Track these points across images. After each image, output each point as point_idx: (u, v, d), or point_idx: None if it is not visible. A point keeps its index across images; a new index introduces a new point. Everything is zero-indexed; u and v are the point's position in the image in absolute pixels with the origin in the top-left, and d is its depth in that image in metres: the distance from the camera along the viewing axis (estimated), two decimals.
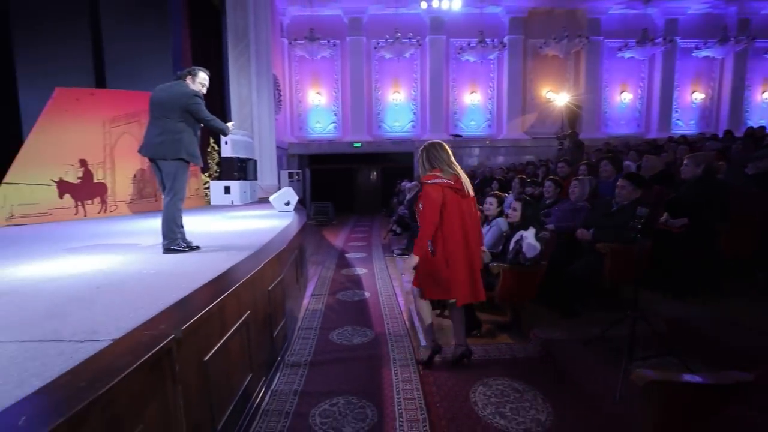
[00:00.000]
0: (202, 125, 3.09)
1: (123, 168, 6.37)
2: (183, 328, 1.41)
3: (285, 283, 3.16)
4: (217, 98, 9.05)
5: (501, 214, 3.63)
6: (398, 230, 7.93)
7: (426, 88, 13.10)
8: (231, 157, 8.33)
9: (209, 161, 8.64)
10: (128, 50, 7.45)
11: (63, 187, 5.53)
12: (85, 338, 1.38)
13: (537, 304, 3.50)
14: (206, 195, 8.37)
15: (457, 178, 2.46)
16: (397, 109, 13.33)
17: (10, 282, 2.29)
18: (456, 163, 2.51)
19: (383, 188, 14.66)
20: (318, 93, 13.12)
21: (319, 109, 13.25)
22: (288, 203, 6.34)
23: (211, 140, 8.65)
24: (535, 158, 12.09)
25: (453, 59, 13.06)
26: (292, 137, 13.16)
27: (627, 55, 12.82)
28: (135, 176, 6.58)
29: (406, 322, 3.46)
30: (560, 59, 12.89)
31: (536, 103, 13.27)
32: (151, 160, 2.96)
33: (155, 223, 3.61)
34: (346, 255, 6.67)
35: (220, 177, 8.62)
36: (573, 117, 12.67)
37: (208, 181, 8.44)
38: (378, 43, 12.03)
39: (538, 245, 2.95)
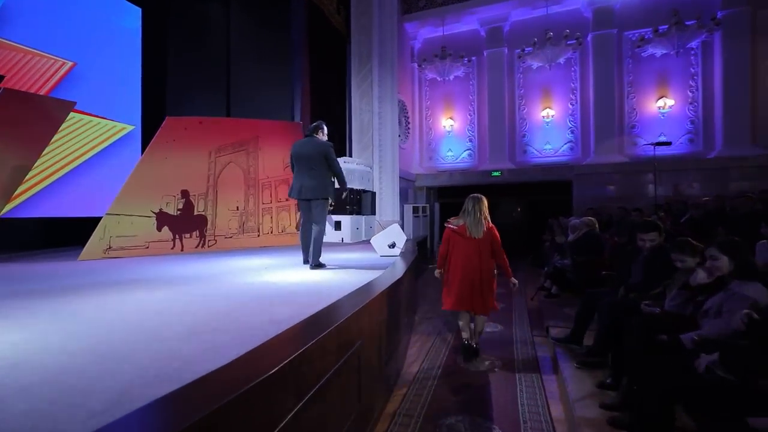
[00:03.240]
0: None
1: (226, 199, 5.90)
2: None
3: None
4: (338, 125, 8.43)
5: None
6: (553, 289, 5.38)
7: (589, 97, 10.15)
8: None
9: None
10: (249, 78, 7.43)
11: (162, 218, 5.20)
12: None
13: None
14: None
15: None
16: (549, 128, 10.69)
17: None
18: (476, 213, 3.37)
19: (529, 227, 11.86)
20: (450, 118, 11.64)
21: (452, 135, 11.70)
22: (393, 245, 4.72)
23: None
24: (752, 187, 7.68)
25: (628, 57, 9.85)
26: (420, 168, 11.88)
27: None
28: (237, 208, 6.05)
29: None
30: None
31: None
32: (307, 200, 3.87)
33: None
34: None
35: (332, 211, 7.72)
36: None
37: None
38: (523, 51, 9.90)
39: None
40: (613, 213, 8.09)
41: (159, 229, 5.16)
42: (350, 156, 8.68)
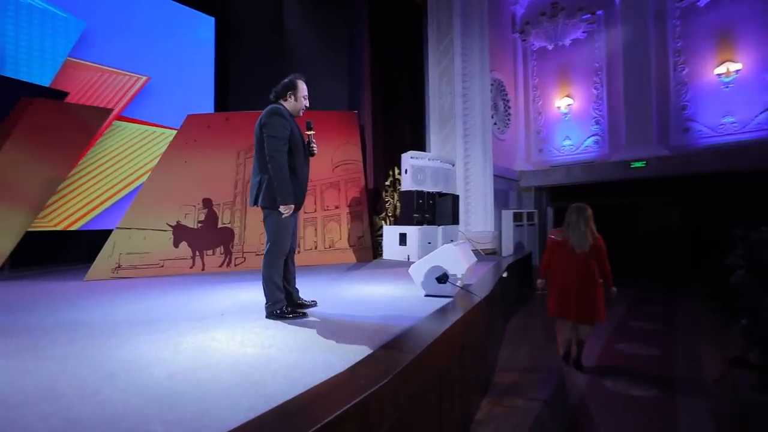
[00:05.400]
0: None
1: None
2: None
3: None
4: (412, 116, 6.88)
5: None
6: (753, 357, 2.79)
7: None
8: (410, 192, 5.75)
9: (386, 197, 6.38)
10: (306, 68, 6.45)
11: (180, 232, 4.44)
12: None
13: None
14: (378, 246, 6.06)
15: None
16: (728, 91, 7.14)
17: None
18: (580, 226, 3.16)
19: (694, 241, 8.28)
20: (567, 96, 8.92)
21: (570, 119, 8.95)
22: (445, 279, 2.92)
23: (396, 170, 6.40)
24: None
25: None
26: (527, 163, 9.41)
27: None
28: None
29: None
30: None
31: None
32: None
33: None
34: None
35: (396, 220, 6.18)
36: None
37: (381, 226, 6.16)
38: None
39: None
40: None
41: (176, 244, 4.41)
42: (428, 151, 7.02)
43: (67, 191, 5.91)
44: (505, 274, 4.41)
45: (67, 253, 5.85)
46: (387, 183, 6.32)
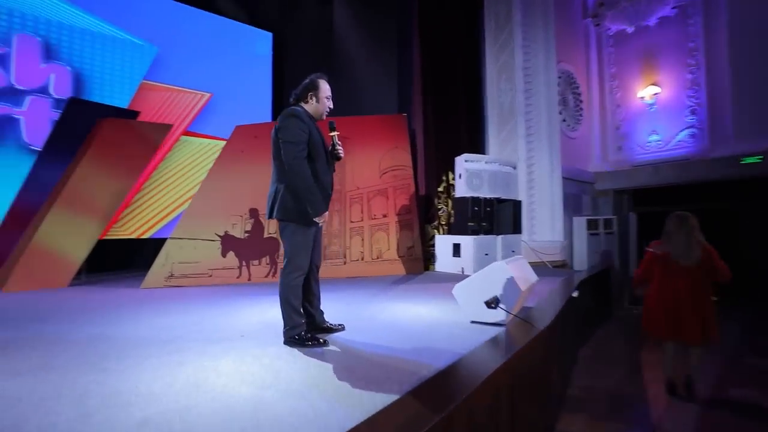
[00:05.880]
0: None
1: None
2: None
3: None
4: (471, 114, 6.38)
5: None
6: None
7: None
8: (465, 198, 5.27)
9: (438, 204, 5.93)
10: (354, 73, 6.30)
11: (228, 242, 4.48)
12: None
13: None
14: (431, 257, 5.64)
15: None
16: None
17: None
18: (685, 236, 2.80)
19: None
20: (653, 84, 7.69)
21: (656, 110, 7.71)
22: (495, 303, 2.45)
23: (450, 175, 5.94)
24: None
25: None
26: (603, 164, 8.30)
27: None
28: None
29: None
30: None
31: None
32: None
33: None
34: None
35: (450, 229, 5.71)
36: None
37: (433, 236, 5.73)
38: None
39: None
40: None
41: (224, 254, 4.46)
42: (487, 153, 6.46)
43: (141, 202, 6.40)
44: (575, 293, 3.74)
45: (139, 259, 6.31)
46: (440, 189, 5.89)
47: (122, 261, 6.38)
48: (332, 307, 2.83)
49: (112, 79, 6.30)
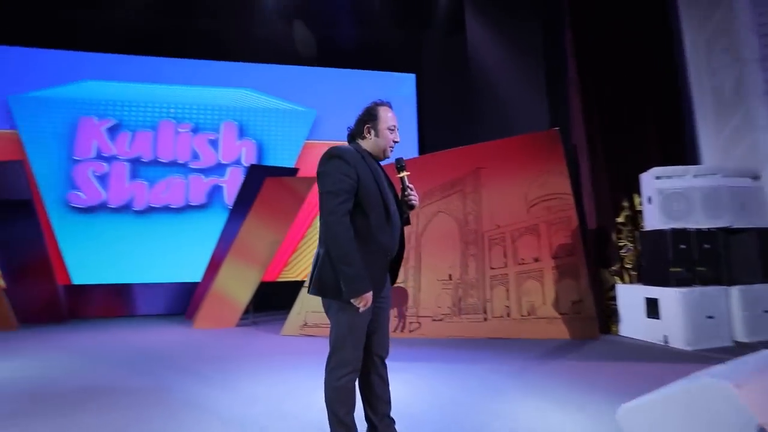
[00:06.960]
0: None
1: (433, 265, 4.21)
2: None
3: None
4: (660, 114, 4.61)
5: None
6: None
7: None
8: (659, 231, 3.63)
9: (620, 241, 4.26)
10: (498, 91, 5.44)
11: None
12: None
13: None
14: (612, 314, 4.05)
15: None
16: None
17: None
18: None
19: None
20: None
21: None
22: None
23: (636, 199, 4.28)
24: None
25: None
26: None
27: None
28: (450, 277, 4.15)
29: None
30: None
31: None
32: None
33: None
34: None
35: (640, 276, 3.99)
36: None
37: (614, 285, 4.12)
38: None
39: None
40: None
41: None
42: (698, 162, 4.44)
43: (304, 246, 7.13)
44: None
45: None
46: (620, 220, 4.29)
47: (290, 300, 7.16)
48: (444, 381, 2.08)
49: (284, 143, 7.40)
